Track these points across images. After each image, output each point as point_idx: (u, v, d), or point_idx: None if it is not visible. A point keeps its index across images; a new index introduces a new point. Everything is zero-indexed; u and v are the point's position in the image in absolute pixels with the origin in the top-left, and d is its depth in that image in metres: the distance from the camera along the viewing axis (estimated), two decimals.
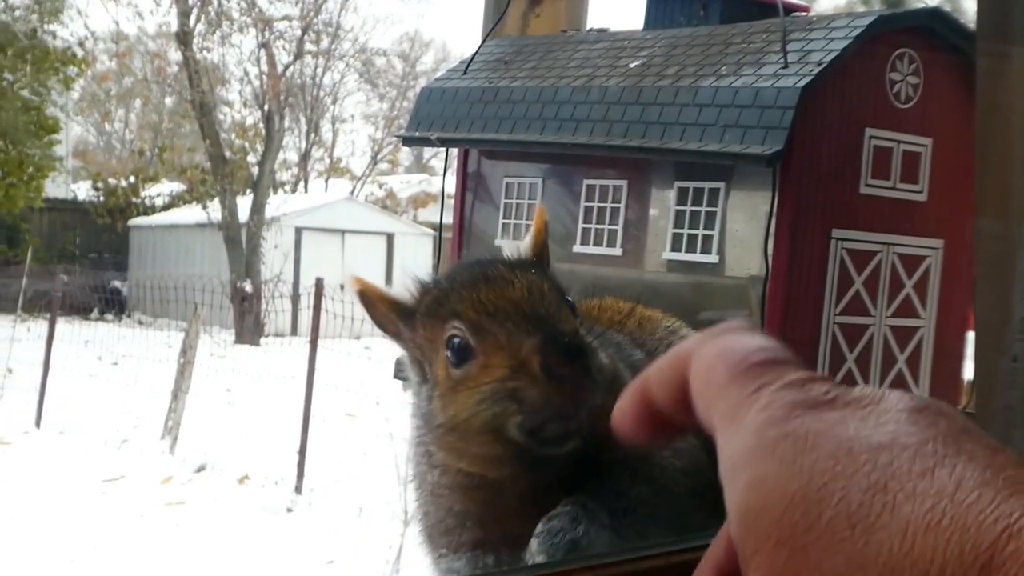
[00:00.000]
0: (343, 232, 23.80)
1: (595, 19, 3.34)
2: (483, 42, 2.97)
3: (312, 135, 31.85)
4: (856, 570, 0.44)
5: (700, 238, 2.38)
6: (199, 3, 22.92)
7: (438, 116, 2.79)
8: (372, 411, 9.73)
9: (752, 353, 0.55)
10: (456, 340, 1.23)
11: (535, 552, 1.17)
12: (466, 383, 1.22)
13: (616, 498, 1.22)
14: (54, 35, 23.45)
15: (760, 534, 0.47)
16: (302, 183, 31.95)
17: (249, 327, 20.50)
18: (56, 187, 27.17)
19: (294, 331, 20.23)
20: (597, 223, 2.57)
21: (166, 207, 27.56)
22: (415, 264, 23.41)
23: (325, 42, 27.67)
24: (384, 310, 1.34)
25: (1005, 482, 0.45)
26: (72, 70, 24.59)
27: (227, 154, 23.05)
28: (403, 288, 1.35)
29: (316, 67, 29.43)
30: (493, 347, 1.21)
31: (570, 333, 1.19)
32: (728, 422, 0.52)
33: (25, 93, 23.60)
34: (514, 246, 1.33)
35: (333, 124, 33.73)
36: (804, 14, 2.54)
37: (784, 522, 0.46)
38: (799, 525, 0.46)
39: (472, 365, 1.22)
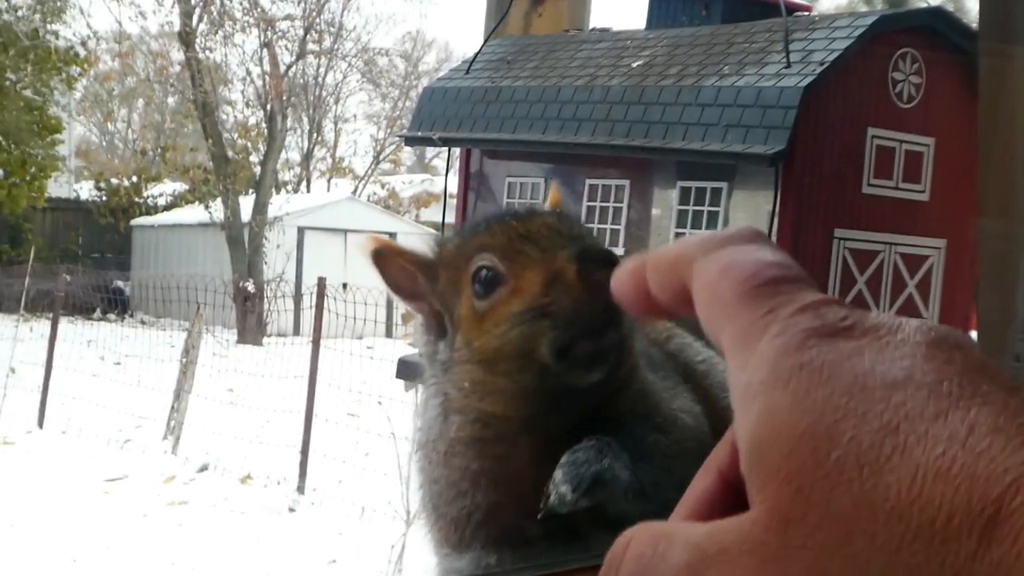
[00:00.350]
0: (345, 232, 23.79)
1: (597, 19, 3.34)
2: (485, 42, 2.97)
3: (314, 135, 31.86)
4: (863, 512, 0.44)
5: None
6: (202, 3, 22.94)
7: (440, 116, 2.79)
8: (374, 411, 9.73)
9: (762, 269, 0.53)
10: (484, 272, 1.22)
11: (559, 482, 1.16)
12: (495, 312, 1.21)
13: (635, 443, 1.22)
14: (57, 35, 23.47)
15: (769, 468, 0.46)
16: (304, 183, 31.96)
17: (251, 327, 20.50)
18: (59, 187, 27.19)
19: (296, 331, 20.24)
20: (600, 223, 2.57)
21: (168, 207, 27.58)
22: None
23: (327, 42, 27.69)
24: (402, 263, 1.33)
25: (1018, 429, 0.44)
26: (75, 70, 24.61)
27: (230, 154, 23.05)
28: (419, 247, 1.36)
29: (319, 67, 29.45)
30: (525, 267, 1.20)
31: (603, 246, 1.22)
32: (739, 347, 0.51)
33: (28, 93, 23.62)
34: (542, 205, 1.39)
35: (335, 124, 33.75)
36: (806, 14, 2.54)
37: (793, 458, 0.46)
38: (808, 462, 0.45)
39: (501, 292, 1.21)
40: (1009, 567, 0.42)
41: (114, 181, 28.20)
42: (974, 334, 2.21)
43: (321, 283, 10.80)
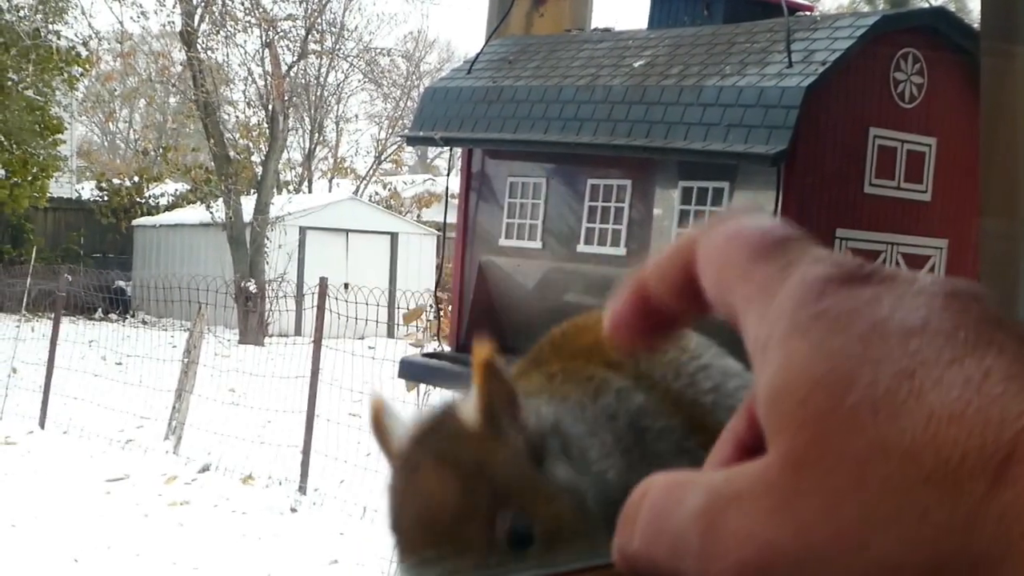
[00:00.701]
0: (347, 232, 23.83)
1: (599, 19, 3.34)
2: (487, 42, 2.97)
3: (316, 135, 31.88)
4: (877, 454, 0.44)
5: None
6: (203, 3, 22.96)
7: (442, 116, 2.79)
8: None
9: (771, 230, 0.52)
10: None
11: None
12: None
13: None
14: (58, 35, 23.50)
15: (784, 414, 0.47)
16: (306, 183, 31.99)
17: (253, 327, 20.53)
18: (60, 187, 27.24)
19: (298, 331, 20.26)
20: (601, 223, 2.57)
21: (170, 207, 27.61)
22: (419, 264, 23.38)
23: (329, 42, 27.72)
24: (379, 443, 1.24)
25: None
26: (76, 70, 24.64)
27: (231, 154, 23.08)
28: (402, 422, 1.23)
29: (320, 67, 29.47)
30: None
31: None
32: (757, 301, 0.50)
33: (29, 93, 23.65)
34: (468, 406, 1.15)
35: (337, 124, 33.79)
36: (808, 14, 2.54)
37: (809, 404, 0.46)
38: (823, 408, 0.45)
39: None
40: (1020, 508, 0.42)
41: (116, 181, 28.24)
42: None
43: (323, 283, 10.81)
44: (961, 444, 0.43)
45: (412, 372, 3.02)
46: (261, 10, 24.21)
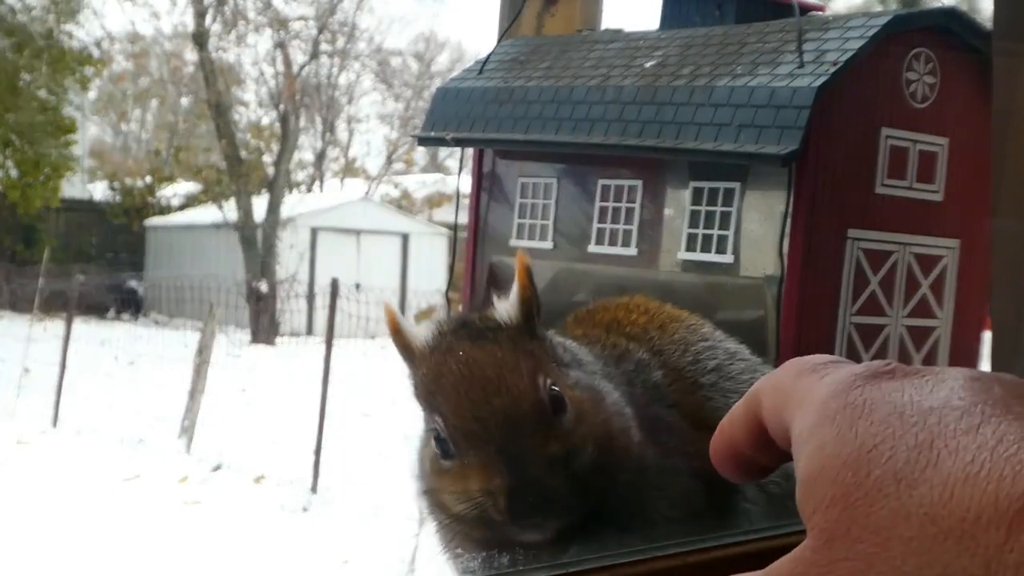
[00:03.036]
0: (358, 232, 23.83)
1: (610, 19, 3.34)
2: (498, 42, 2.97)
3: (327, 135, 31.88)
4: (899, 521, 0.47)
5: (715, 238, 2.37)
6: (215, 3, 22.98)
7: (453, 116, 2.79)
8: (388, 411, 9.74)
9: (818, 358, 0.59)
10: (438, 438, 1.22)
11: None
12: (448, 477, 1.21)
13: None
14: (70, 35, 23.53)
15: (817, 495, 0.50)
16: (317, 183, 31.99)
17: (264, 327, 20.53)
18: (72, 187, 27.26)
19: (309, 331, 20.26)
20: (612, 223, 2.57)
21: (182, 207, 27.63)
22: (430, 264, 23.42)
23: (340, 42, 27.70)
24: (399, 343, 1.30)
25: None
26: (89, 70, 24.67)
27: (243, 154, 23.10)
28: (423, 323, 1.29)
29: (331, 67, 29.46)
30: (467, 463, 1.19)
31: (540, 475, 1.14)
32: (797, 406, 0.56)
33: (42, 93, 23.69)
34: (504, 304, 1.24)
35: (348, 124, 33.77)
36: (820, 14, 2.54)
37: (838, 482, 0.50)
38: (850, 484, 0.49)
39: (453, 464, 1.21)
40: None
41: (128, 181, 28.27)
42: (988, 335, 2.21)
43: (334, 283, 10.81)
44: (976, 501, 0.46)
45: None
46: (273, 11, 24.22)
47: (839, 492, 0.49)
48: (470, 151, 2.95)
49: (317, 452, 9.77)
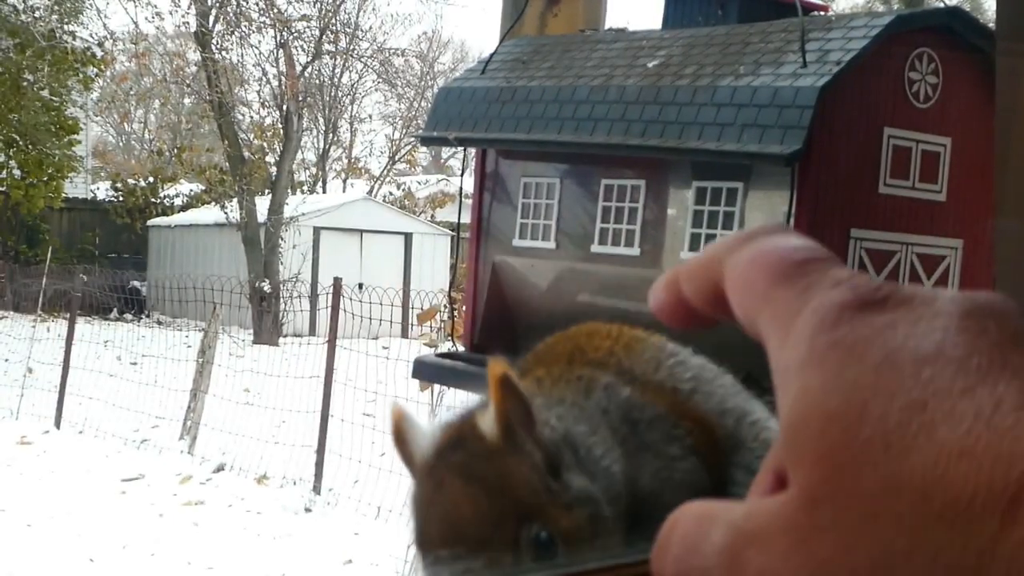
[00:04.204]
0: (361, 232, 23.85)
1: (613, 19, 3.34)
2: (501, 42, 2.97)
3: (330, 135, 31.93)
4: (890, 492, 0.44)
5: (718, 238, 2.37)
6: (218, 3, 22.99)
7: (456, 116, 2.79)
8: (390, 411, 9.72)
9: (792, 252, 0.53)
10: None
11: None
12: None
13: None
14: (73, 35, 23.56)
15: (801, 448, 0.47)
16: (320, 183, 32.04)
17: (267, 327, 20.56)
18: (75, 187, 27.30)
19: (312, 331, 20.28)
20: (615, 223, 2.57)
21: (185, 207, 27.67)
22: (433, 264, 23.40)
23: (343, 42, 27.73)
24: (401, 454, 1.25)
25: None
26: (91, 70, 24.71)
27: (245, 154, 23.12)
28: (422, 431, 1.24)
29: (334, 67, 29.50)
30: None
31: None
32: (778, 328, 0.51)
33: (45, 93, 23.72)
34: (486, 420, 1.17)
35: (351, 124, 33.82)
36: (823, 13, 2.54)
37: (823, 438, 0.46)
38: (837, 442, 0.46)
39: None
40: None
41: (131, 181, 28.31)
42: None
43: (337, 283, 10.82)
44: (971, 482, 0.43)
45: (426, 372, 3.02)
46: (276, 11, 24.23)
47: (825, 449, 0.46)
48: (473, 151, 2.95)
49: (320, 452, 9.78)
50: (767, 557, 0.47)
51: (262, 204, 22.70)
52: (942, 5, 2.61)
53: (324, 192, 30.91)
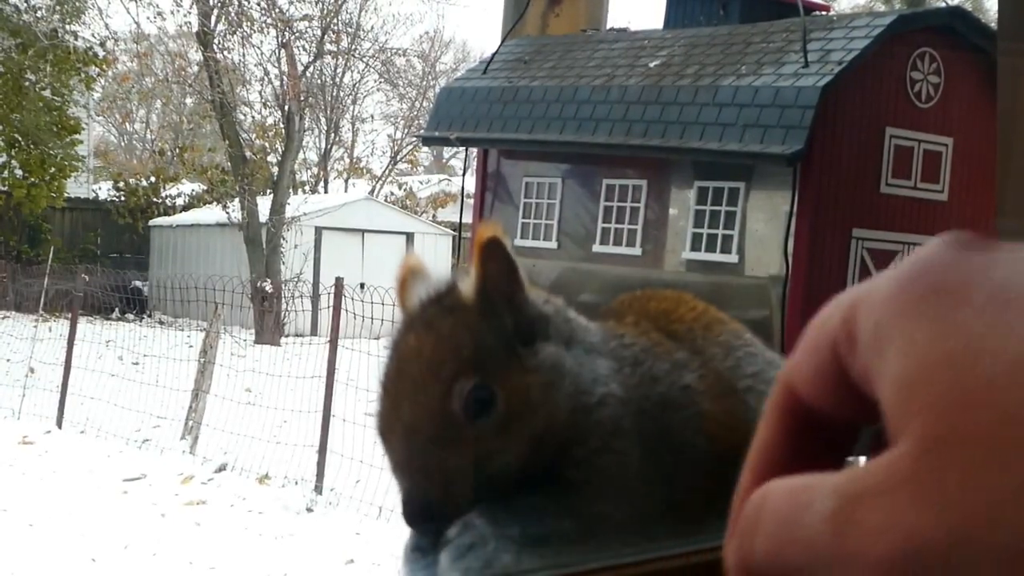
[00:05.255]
0: (363, 232, 23.84)
1: (615, 19, 3.34)
2: (503, 42, 2.97)
3: (332, 135, 31.91)
4: (1011, 423, 0.43)
5: (720, 238, 2.38)
6: (219, 3, 22.99)
7: (458, 116, 2.79)
8: None
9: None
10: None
11: (446, 568, 1.16)
12: None
13: (528, 513, 1.20)
14: (75, 35, 23.55)
15: (912, 401, 0.45)
16: (322, 183, 32.02)
17: (269, 327, 20.54)
18: (77, 187, 27.29)
19: (314, 331, 20.26)
20: (617, 223, 2.57)
21: (186, 207, 27.65)
22: (434, 264, 23.47)
23: (345, 42, 27.72)
24: (399, 298, 1.30)
25: None
26: (93, 70, 24.70)
27: (247, 154, 23.11)
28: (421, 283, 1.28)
29: (336, 67, 29.49)
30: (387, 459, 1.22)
31: (435, 490, 1.15)
32: (870, 291, 0.48)
33: (47, 93, 23.72)
34: (465, 281, 1.22)
35: (353, 124, 33.79)
36: (824, 13, 2.54)
37: (936, 384, 0.44)
38: (952, 385, 0.44)
39: None
40: None
41: (132, 181, 28.29)
42: None
43: (338, 283, 10.81)
44: None
45: None
46: (277, 11, 24.23)
47: (939, 393, 0.44)
48: (474, 151, 2.95)
49: (321, 452, 9.78)
50: (885, 512, 0.45)
51: (264, 204, 22.70)
52: (944, 5, 2.61)
53: (326, 192, 30.90)
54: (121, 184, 28.07)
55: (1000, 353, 0.44)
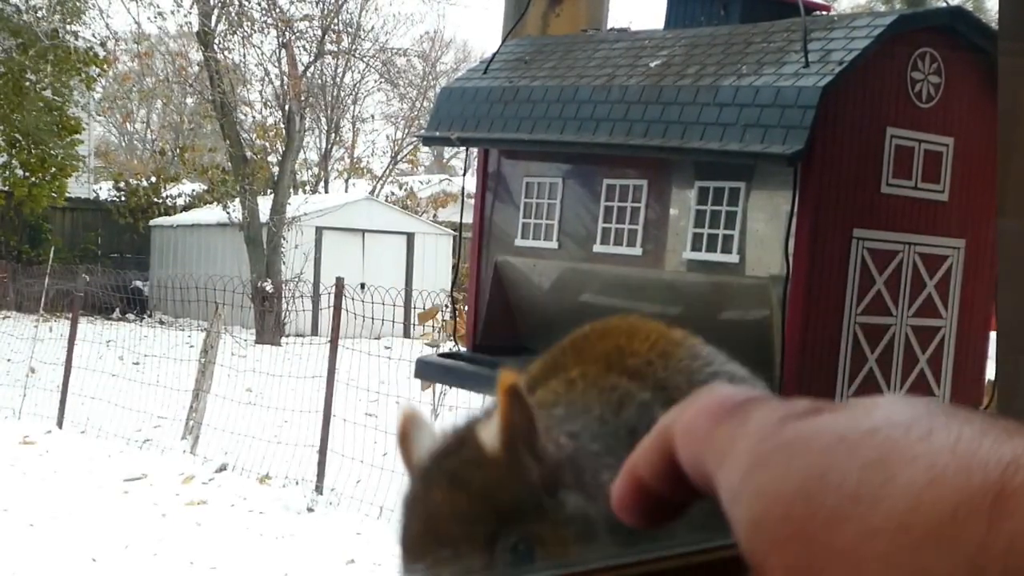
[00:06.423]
0: (363, 232, 23.86)
1: (615, 18, 3.35)
2: (503, 42, 2.97)
3: (332, 135, 31.94)
4: (866, 539, 0.44)
5: (720, 238, 2.37)
6: (220, 3, 23.00)
7: (458, 116, 2.79)
8: (393, 411, 9.75)
9: (732, 395, 0.54)
10: None
11: None
12: None
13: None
14: (76, 35, 23.57)
15: (768, 538, 0.47)
16: (322, 183, 32.05)
17: (270, 327, 20.57)
18: (78, 187, 27.32)
19: (314, 331, 20.28)
20: (617, 223, 2.57)
21: (187, 207, 27.69)
22: (435, 263, 23.39)
23: (345, 42, 27.75)
24: (402, 452, 1.24)
25: (1005, 430, 0.45)
26: (94, 70, 24.72)
27: (248, 154, 23.13)
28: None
29: (336, 67, 29.53)
30: None
31: None
32: (722, 458, 0.51)
33: (47, 93, 23.74)
34: (488, 431, 1.15)
35: (353, 124, 33.83)
36: (825, 13, 2.54)
37: (790, 517, 0.46)
38: (804, 516, 0.46)
39: None
40: None
41: (133, 181, 28.33)
42: (993, 335, 2.21)
43: (339, 283, 10.82)
44: (949, 500, 0.43)
45: (428, 372, 3.02)
46: (278, 11, 24.25)
47: (794, 526, 0.46)
48: (475, 151, 2.96)
49: (322, 452, 9.78)
50: None
51: (264, 204, 22.73)
52: (944, 5, 2.61)
53: (326, 192, 30.93)
54: (122, 184, 28.10)
55: (844, 480, 0.45)
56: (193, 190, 28.30)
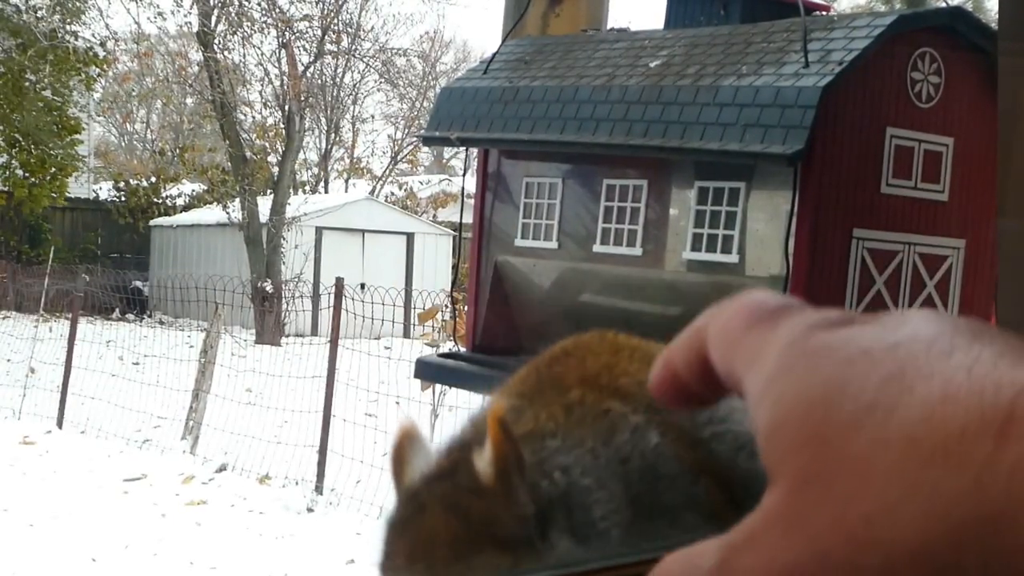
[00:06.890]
0: (363, 232, 23.87)
1: (615, 19, 3.35)
2: (503, 42, 2.97)
3: (332, 135, 31.96)
4: (878, 448, 0.45)
5: (720, 238, 2.37)
6: (220, 3, 23.01)
7: (458, 116, 2.79)
8: (393, 411, 9.76)
9: (767, 301, 0.55)
10: None
11: None
12: None
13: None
14: (76, 35, 23.58)
15: (785, 441, 0.48)
16: (322, 183, 32.07)
17: (270, 327, 20.57)
18: (78, 187, 27.33)
19: (314, 331, 20.29)
20: (617, 223, 2.57)
21: (187, 207, 27.70)
22: (435, 263, 23.39)
23: (345, 42, 27.75)
24: (394, 473, 1.20)
25: (1022, 355, 0.46)
26: (93, 70, 24.74)
27: (247, 154, 23.13)
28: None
29: (336, 67, 29.53)
30: None
31: None
32: (750, 363, 0.52)
33: (47, 93, 23.75)
34: (481, 462, 1.12)
35: (353, 124, 33.85)
36: (825, 13, 2.54)
37: (807, 422, 0.47)
38: (821, 422, 0.47)
39: None
40: None
41: (133, 181, 28.34)
42: None
43: (339, 283, 10.82)
44: (959, 418, 0.44)
45: (427, 372, 3.02)
46: (278, 11, 24.25)
47: (810, 432, 0.47)
48: (475, 151, 2.95)
49: (322, 452, 9.79)
50: (761, 554, 0.47)
51: (264, 204, 22.73)
52: (944, 5, 2.61)
53: (326, 192, 30.94)
54: (122, 184, 28.11)
55: (862, 389, 0.46)
56: (193, 190, 28.31)
